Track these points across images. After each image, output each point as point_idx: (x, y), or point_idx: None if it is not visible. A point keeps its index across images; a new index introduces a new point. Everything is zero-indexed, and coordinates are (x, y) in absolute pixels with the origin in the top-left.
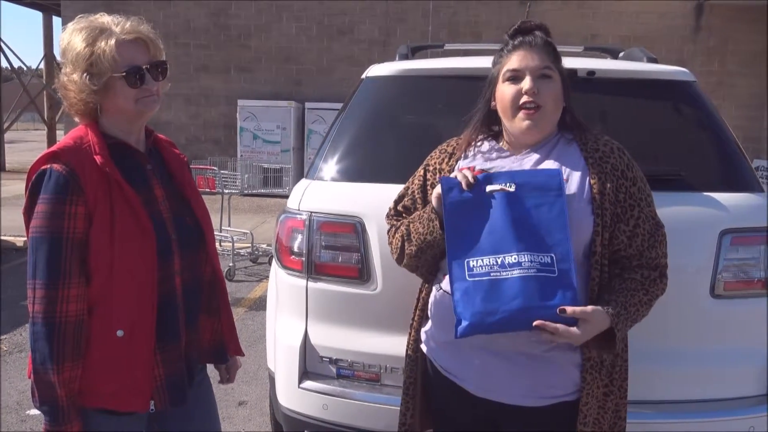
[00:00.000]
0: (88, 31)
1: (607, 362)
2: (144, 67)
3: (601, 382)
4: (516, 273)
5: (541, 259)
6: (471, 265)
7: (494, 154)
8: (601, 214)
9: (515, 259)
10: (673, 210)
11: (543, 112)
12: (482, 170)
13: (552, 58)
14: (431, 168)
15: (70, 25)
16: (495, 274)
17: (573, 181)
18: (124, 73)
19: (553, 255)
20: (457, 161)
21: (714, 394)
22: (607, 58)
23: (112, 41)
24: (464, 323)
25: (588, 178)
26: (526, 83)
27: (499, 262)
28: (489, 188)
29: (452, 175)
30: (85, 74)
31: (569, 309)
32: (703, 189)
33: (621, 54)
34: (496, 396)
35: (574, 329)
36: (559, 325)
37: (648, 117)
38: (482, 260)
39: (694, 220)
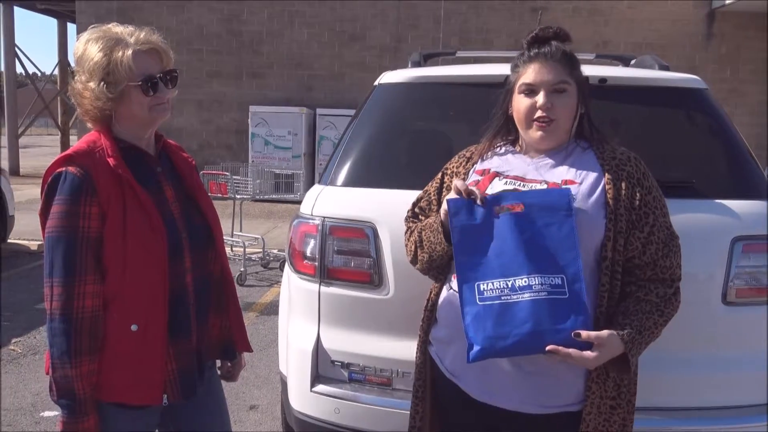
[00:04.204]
0: (105, 41)
1: (613, 375)
2: (158, 75)
3: (608, 395)
4: (527, 296)
5: (552, 280)
6: (482, 289)
7: (509, 157)
8: (615, 219)
9: (525, 282)
10: (685, 217)
11: (556, 125)
12: (488, 194)
13: (569, 69)
14: (449, 171)
15: (85, 35)
16: (506, 297)
17: (587, 183)
18: (139, 82)
19: (563, 276)
20: (473, 165)
21: (726, 401)
22: (619, 65)
23: (129, 51)
24: (476, 348)
25: (603, 182)
26: (540, 98)
27: (510, 285)
28: (498, 209)
29: (465, 183)
30: (102, 83)
31: (584, 334)
32: (714, 196)
33: (633, 61)
34: (497, 401)
35: (588, 353)
36: (572, 350)
37: (660, 124)
38: (492, 283)
39: (706, 227)
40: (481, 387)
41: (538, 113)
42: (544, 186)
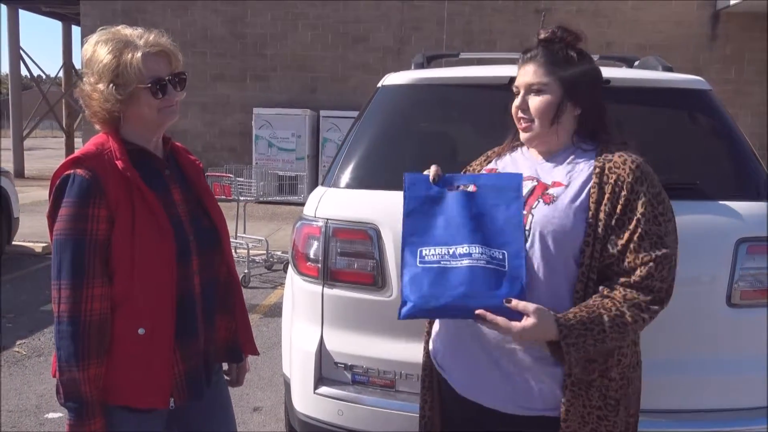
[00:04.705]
0: (114, 43)
1: (597, 383)
2: (167, 78)
3: (592, 404)
4: (465, 263)
5: (493, 253)
6: (423, 254)
7: (519, 157)
8: (595, 224)
9: (466, 250)
10: (688, 219)
11: (533, 126)
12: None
13: (551, 70)
14: (471, 169)
15: (94, 37)
16: (445, 262)
17: (573, 186)
18: (149, 85)
19: (505, 252)
20: (488, 163)
21: (731, 403)
22: (623, 66)
23: (139, 54)
24: (408, 305)
25: (588, 187)
26: (517, 100)
27: (451, 252)
28: (451, 187)
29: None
30: (111, 84)
31: (515, 302)
32: (718, 198)
33: (636, 62)
34: (478, 398)
35: (514, 323)
36: (500, 318)
37: (663, 126)
38: (434, 249)
39: (710, 229)
40: (465, 383)
41: (519, 114)
42: (534, 183)
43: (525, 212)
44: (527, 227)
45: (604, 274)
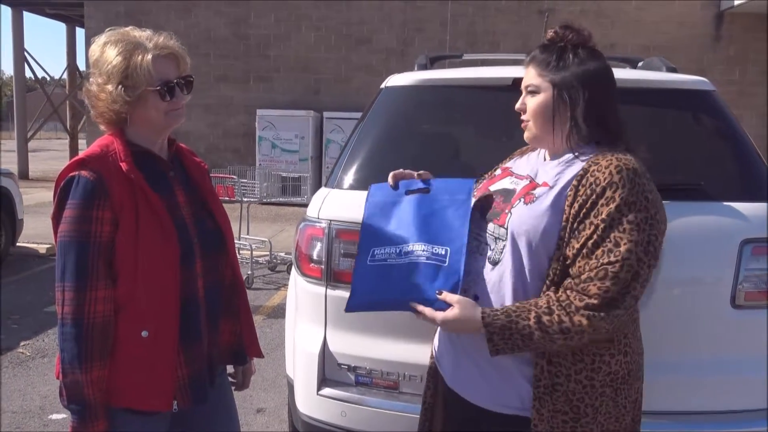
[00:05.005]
0: (124, 44)
1: (563, 387)
2: (175, 81)
3: (557, 408)
4: (408, 260)
5: (435, 250)
6: (375, 253)
7: (533, 157)
8: (566, 227)
9: (411, 248)
10: (693, 220)
11: (530, 126)
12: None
13: (545, 71)
14: (499, 167)
15: (102, 37)
16: (392, 260)
17: (556, 188)
18: (158, 87)
19: (448, 248)
20: (509, 161)
21: (735, 405)
22: (626, 67)
23: (149, 56)
24: (353, 299)
25: (568, 189)
26: (519, 101)
27: (398, 251)
28: (409, 192)
29: (403, 172)
30: (120, 86)
31: (444, 293)
32: (723, 198)
33: (640, 63)
34: (462, 392)
35: (438, 313)
36: (426, 309)
37: (667, 127)
38: (385, 249)
39: (714, 230)
40: (452, 376)
41: (521, 115)
42: (527, 182)
43: (506, 210)
44: (504, 225)
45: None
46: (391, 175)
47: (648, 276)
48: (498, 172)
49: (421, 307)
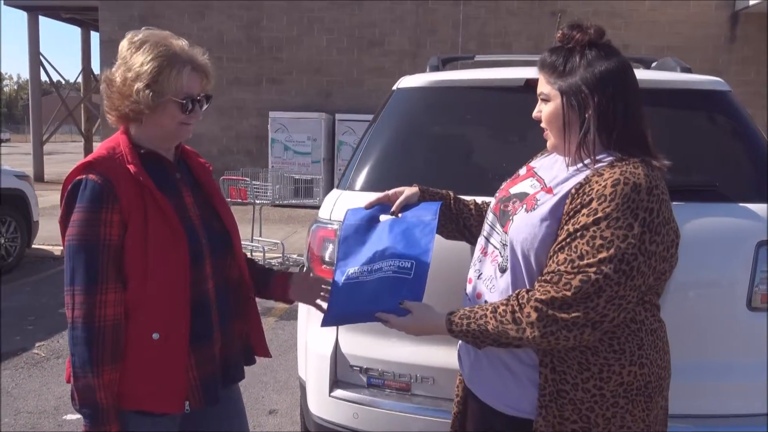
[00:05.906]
0: (162, 50)
1: (570, 395)
2: (198, 97)
3: (566, 417)
4: (377, 275)
5: (402, 263)
6: (349, 273)
7: (557, 158)
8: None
9: (380, 265)
10: (708, 221)
11: (548, 134)
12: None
13: (553, 78)
14: (526, 164)
15: (139, 36)
16: (363, 278)
17: (557, 197)
18: (182, 100)
19: (413, 261)
20: (533, 160)
21: (752, 408)
22: (640, 68)
23: (185, 69)
24: (327, 315)
25: (566, 199)
26: (536, 109)
27: (369, 269)
28: (382, 216)
29: (382, 195)
30: (148, 90)
31: (406, 302)
32: (738, 200)
33: (654, 64)
34: (475, 389)
35: (401, 318)
36: (389, 316)
37: (682, 128)
38: (357, 268)
39: (729, 231)
40: (470, 375)
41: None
42: (540, 186)
43: (512, 216)
44: (507, 232)
45: None
46: (366, 203)
47: (621, 296)
48: (523, 171)
49: (385, 315)
